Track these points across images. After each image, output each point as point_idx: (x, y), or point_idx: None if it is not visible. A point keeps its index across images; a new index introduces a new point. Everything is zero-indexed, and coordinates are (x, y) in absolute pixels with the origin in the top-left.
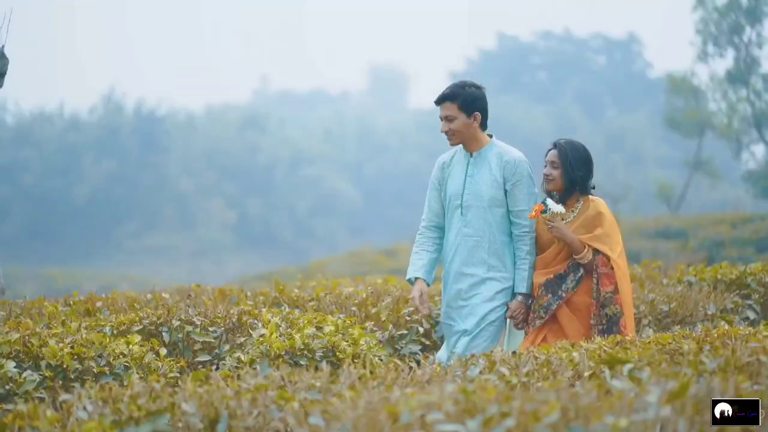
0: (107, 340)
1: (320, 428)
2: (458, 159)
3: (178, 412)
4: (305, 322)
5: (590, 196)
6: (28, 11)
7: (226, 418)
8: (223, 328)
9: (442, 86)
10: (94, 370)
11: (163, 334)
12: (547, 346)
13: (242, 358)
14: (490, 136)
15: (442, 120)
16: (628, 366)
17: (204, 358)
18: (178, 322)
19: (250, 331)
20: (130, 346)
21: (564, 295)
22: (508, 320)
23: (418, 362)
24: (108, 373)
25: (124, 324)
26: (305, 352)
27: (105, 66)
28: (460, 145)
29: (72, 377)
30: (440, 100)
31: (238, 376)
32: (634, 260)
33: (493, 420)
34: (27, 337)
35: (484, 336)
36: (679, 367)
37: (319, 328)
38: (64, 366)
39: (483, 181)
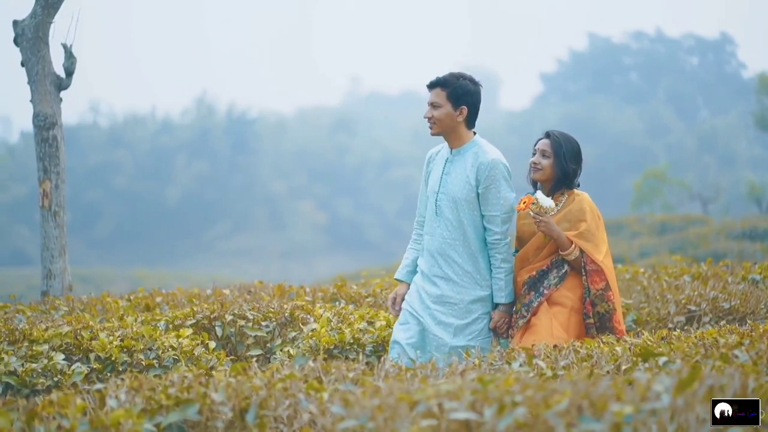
0: (157, 333)
1: (342, 416)
2: (441, 155)
3: (208, 401)
4: (357, 317)
5: (575, 190)
6: (120, 15)
7: (256, 408)
8: (275, 323)
9: (533, 88)
10: (143, 363)
11: (216, 328)
12: (590, 341)
13: (292, 353)
14: (475, 133)
15: (428, 105)
16: (663, 359)
17: (256, 352)
18: (231, 317)
19: (302, 325)
20: (180, 340)
21: (546, 291)
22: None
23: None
24: (157, 365)
25: (178, 318)
26: (355, 346)
27: (196, 69)
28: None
29: (120, 370)
30: (432, 85)
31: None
32: (720, 261)
33: (505, 408)
34: (78, 330)
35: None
36: (711, 360)
37: (370, 323)
38: (113, 358)
39: (457, 181)
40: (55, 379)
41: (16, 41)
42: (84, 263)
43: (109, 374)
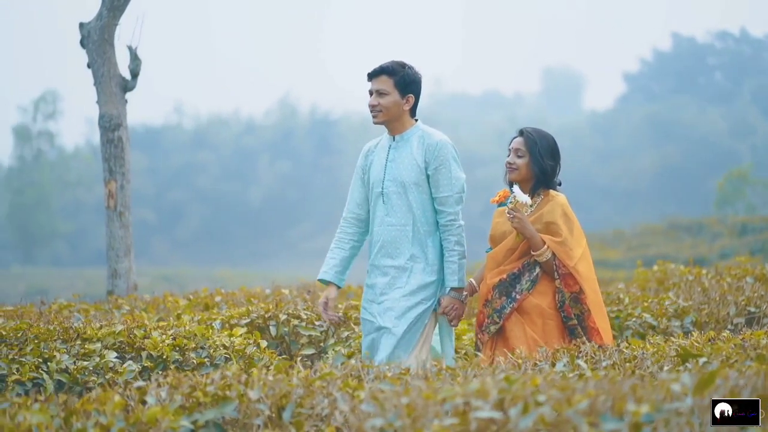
0: (210, 332)
1: (370, 414)
2: (381, 145)
3: (246, 399)
4: None
5: (552, 191)
6: (198, 16)
7: (293, 406)
8: (328, 323)
9: (616, 88)
10: (195, 362)
11: (271, 327)
12: (636, 341)
13: (344, 352)
14: (417, 120)
15: (371, 94)
16: (702, 360)
17: (309, 351)
18: (285, 316)
19: (354, 325)
20: (232, 339)
21: (518, 296)
22: (437, 321)
23: None
24: (208, 364)
25: (234, 318)
26: None
27: (280, 70)
28: (386, 132)
29: (172, 368)
30: (376, 73)
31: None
32: None
33: (529, 407)
34: (131, 329)
35: (410, 340)
36: (750, 361)
37: None
38: (165, 357)
39: (404, 166)
40: (107, 377)
41: (82, 43)
42: (168, 263)
43: (160, 372)
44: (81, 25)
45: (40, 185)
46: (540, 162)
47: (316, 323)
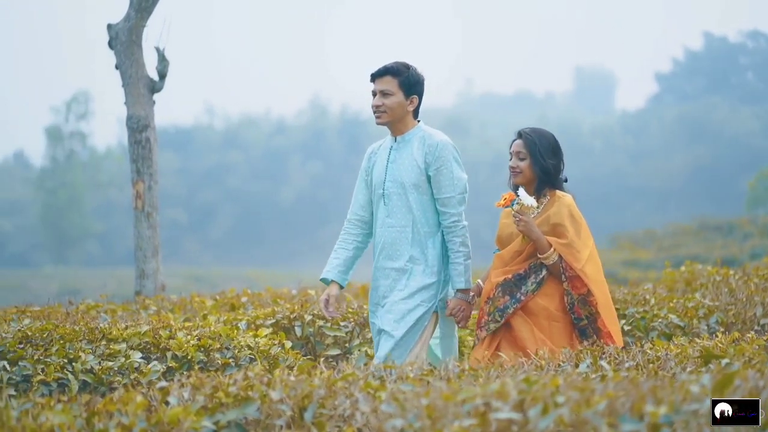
0: (235, 332)
1: (390, 415)
2: (384, 146)
3: (268, 400)
4: None
5: (558, 192)
6: (229, 17)
7: (314, 406)
8: (353, 323)
9: (648, 88)
10: (219, 362)
11: (296, 328)
12: (660, 342)
13: (369, 353)
14: (419, 121)
15: (375, 95)
16: (725, 361)
17: (334, 352)
18: (311, 317)
19: None
20: (257, 339)
21: (523, 297)
22: (437, 323)
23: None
24: (233, 365)
25: (259, 318)
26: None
27: (308, 71)
28: (389, 134)
29: (197, 369)
30: (381, 73)
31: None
32: None
33: (548, 408)
34: (157, 330)
35: (409, 342)
36: None
37: None
38: (189, 357)
39: (405, 166)
40: (131, 377)
41: (110, 44)
42: (200, 263)
43: (184, 373)
44: (109, 26)
45: (72, 186)
46: (541, 162)
47: (341, 324)
